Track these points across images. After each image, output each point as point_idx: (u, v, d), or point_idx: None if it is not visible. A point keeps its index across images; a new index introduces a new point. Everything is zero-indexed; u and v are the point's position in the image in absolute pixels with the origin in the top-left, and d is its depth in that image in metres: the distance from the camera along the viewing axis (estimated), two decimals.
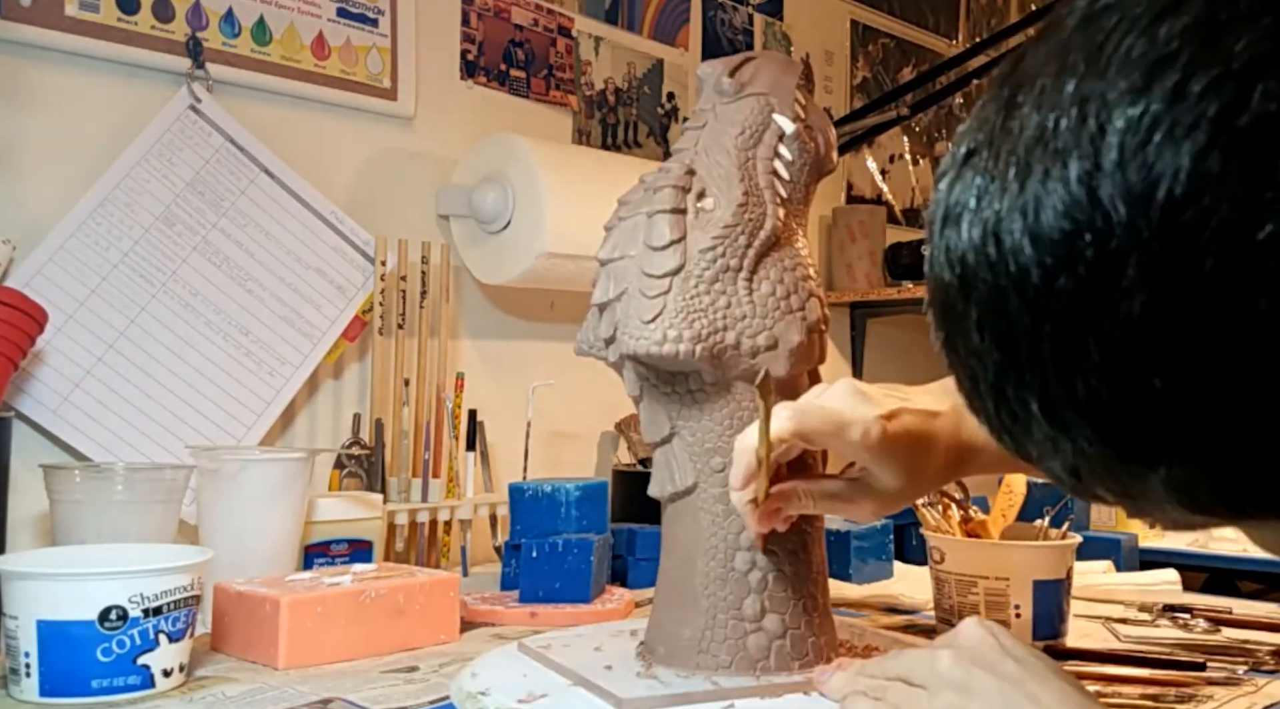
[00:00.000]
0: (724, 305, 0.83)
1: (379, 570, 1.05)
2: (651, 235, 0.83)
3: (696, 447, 0.86)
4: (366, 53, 1.50)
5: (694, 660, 0.85)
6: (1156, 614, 1.17)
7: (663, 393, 0.86)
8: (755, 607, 0.85)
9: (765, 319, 0.85)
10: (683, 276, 0.83)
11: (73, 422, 1.22)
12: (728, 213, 0.84)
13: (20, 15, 1.21)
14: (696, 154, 0.88)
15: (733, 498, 0.80)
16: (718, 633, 0.85)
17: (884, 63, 2.43)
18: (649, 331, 0.81)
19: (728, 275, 0.84)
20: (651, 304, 0.82)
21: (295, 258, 1.40)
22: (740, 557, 0.85)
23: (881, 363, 2.35)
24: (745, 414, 0.86)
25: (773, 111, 0.89)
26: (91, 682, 0.82)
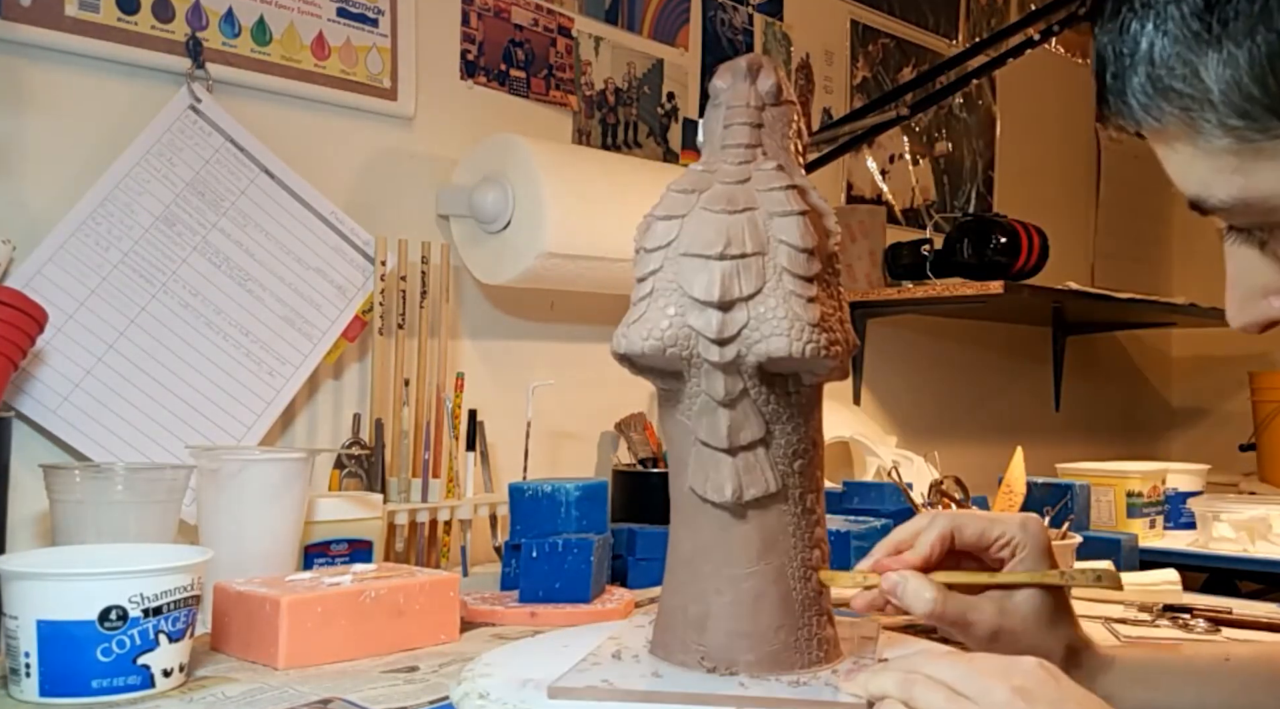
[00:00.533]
0: (841, 309, 0.86)
1: (379, 570, 1.05)
2: (795, 236, 0.81)
3: (786, 449, 0.85)
4: (366, 53, 1.50)
5: (793, 660, 0.84)
6: (1156, 614, 1.17)
7: (761, 395, 0.84)
8: (827, 600, 0.88)
9: (849, 322, 0.87)
10: (820, 281, 0.83)
11: (73, 422, 1.22)
12: (833, 220, 0.86)
13: (20, 15, 1.21)
14: (767, 154, 0.88)
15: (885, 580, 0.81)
16: (808, 630, 0.86)
17: (884, 63, 2.43)
18: (815, 335, 0.80)
19: (835, 280, 0.86)
20: (811, 307, 0.81)
21: (295, 258, 1.40)
22: (815, 553, 0.87)
23: (881, 363, 2.35)
24: (819, 416, 0.88)
25: (799, 118, 0.91)
26: (91, 682, 0.82)
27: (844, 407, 2.17)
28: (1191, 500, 1.90)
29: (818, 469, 0.88)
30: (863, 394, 2.31)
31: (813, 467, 0.87)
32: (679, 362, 0.82)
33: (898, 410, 2.38)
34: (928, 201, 2.55)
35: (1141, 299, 2.42)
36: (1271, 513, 1.75)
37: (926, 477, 1.63)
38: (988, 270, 2.10)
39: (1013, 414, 2.71)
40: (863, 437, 2.00)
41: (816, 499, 0.88)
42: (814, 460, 0.87)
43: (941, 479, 1.32)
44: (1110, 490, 1.78)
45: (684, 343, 0.82)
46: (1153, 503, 1.81)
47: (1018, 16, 2.64)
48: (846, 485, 1.65)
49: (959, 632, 0.80)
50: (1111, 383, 3.16)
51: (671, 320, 0.82)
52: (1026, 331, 2.78)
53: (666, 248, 0.83)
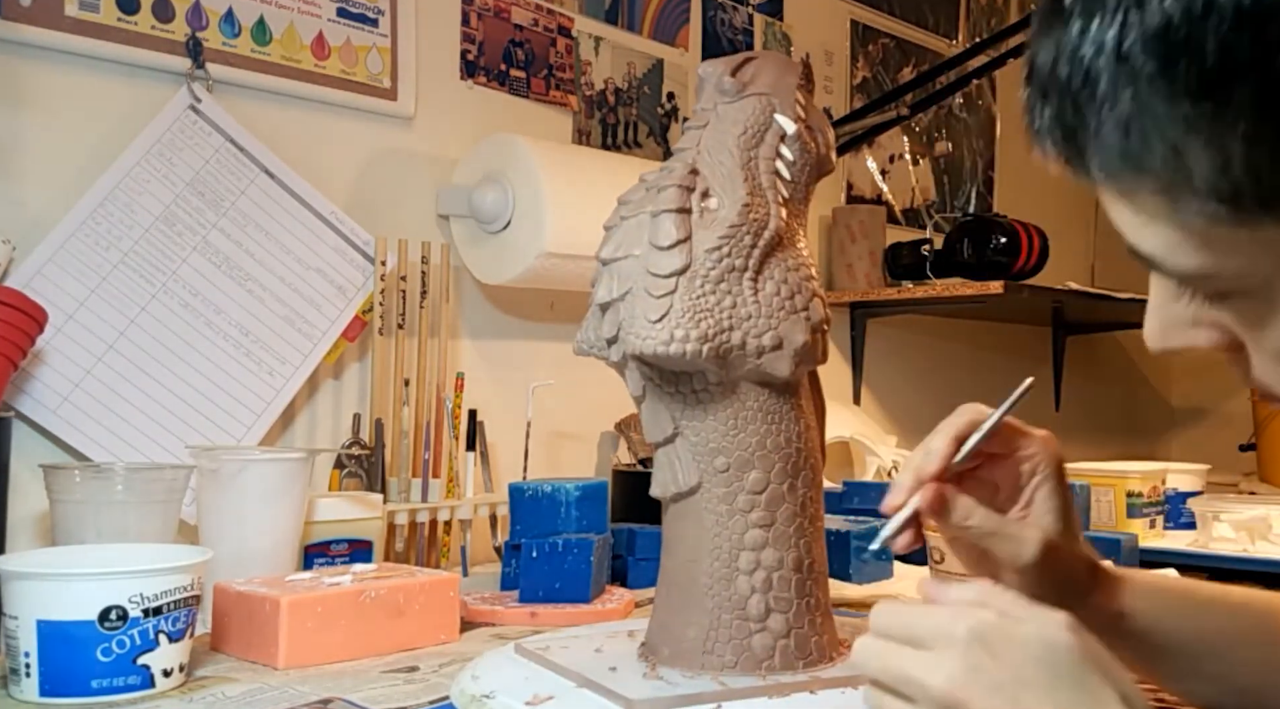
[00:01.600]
0: (729, 305, 0.83)
1: (379, 570, 1.05)
2: (657, 234, 0.83)
3: (700, 446, 0.86)
4: (366, 53, 1.50)
5: (699, 661, 0.85)
6: None
7: (666, 393, 0.86)
8: (760, 606, 0.85)
9: (770, 319, 0.84)
10: (688, 276, 0.82)
11: (73, 422, 1.22)
12: (733, 212, 0.84)
13: (20, 15, 1.21)
14: (699, 153, 0.88)
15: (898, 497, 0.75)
16: (722, 633, 0.85)
17: (884, 63, 2.43)
18: (656, 331, 0.81)
19: (733, 275, 0.84)
20: (658, 304, 0.81)
21: (295, 258, 1.40)
22: (744, 556, 0.85)
23: (881, 363, 2.35)
24: (749, 414, 0.86)
25: (774, 111, 0.89)
26: (91, 682, 0.82)
27: (844, 407, 2.17)
28: (1191, 500, 1.90)
29: (754, 470, 0.86)
30: (863, 394, 2.31)
31: (742, 467, 0.86)
32: (605, 363, 0.88)
33: (898, 410, 2.38)
34: (928, 201, 2.55)
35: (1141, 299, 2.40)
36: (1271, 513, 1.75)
37: None
38: (988, 270, 2.10)
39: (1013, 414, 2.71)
40: (863, 437, 2.00)
41: (755, 503, 0.86)
42: (744, 461, 0.86)
43: None
44: (1110, 490, 1.78)
45: (597, 345, 0.87)
46: (1153, 503, 1.81)
47: (1018, 16, 2.64)
48: (846, 485, 1.65)
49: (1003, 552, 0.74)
50: (1111, 383, 3.16)
51: (594, 324, 0.88)
52: (1026, 332, 2.78)
53: (600, 254, 0.88)
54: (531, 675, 0.86)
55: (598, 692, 0.81)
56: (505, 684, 0.84)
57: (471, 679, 0.85)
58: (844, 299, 2.22)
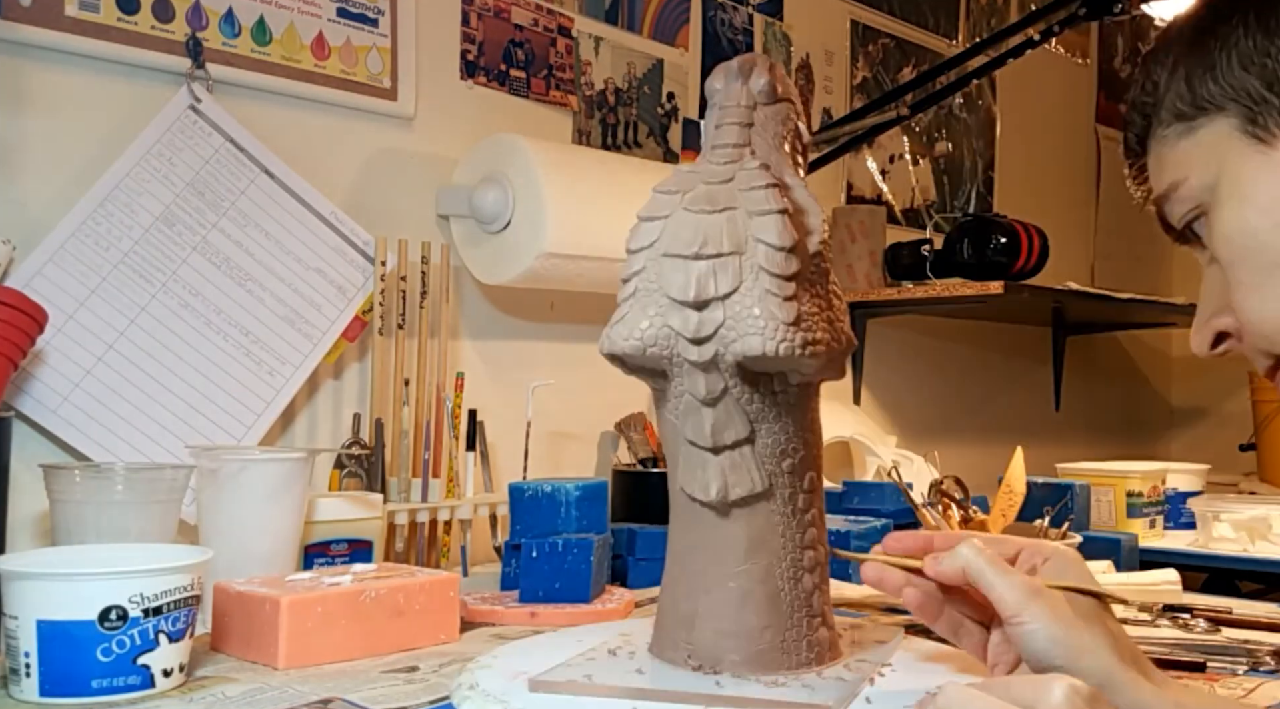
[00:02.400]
0: (827, 308, 0.85)
1: (379, 570, 1.05)
2: (773, 234, 0.81)
3: (772, 448, 0.85)
4: (366, 53, 1.50)
5: (779, 661, 0.84)
6: (1156, 614, 1.17)
7: (744, 394, 0.84)
8: (820, 601, 0.87)
9: (843, 321, 0.87)
10: (801, 280, 0.82)
11: (73, 422, 1.22)
12: (818, 218, 0.85)
13: (20, 15, 1.21)
14: (755, 154, 0.87)
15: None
16: (797, 631, 0.85)
17: (884, 63, 2.43)
18: (790, 334, 0.79)
19: (822, 279, 0.85)
20: (787, 306, 0.80)
21: (295, 258, 1.40)
22: (807, 555, 0.86)
23: (881, 363, 2.35)
24: (813, 415, 0.88)
25: (798, 118, 0.91)
26: (91, 682, 0.82)
27: (844, 407, 2.17)
28: (1191, 500, 1.90)
29: (810, 470, 0.87)
30: (863, 394, 2.31)
31: (804, 467, 0.86)
32: (661, 361, 0.83)
33: (898, 410, 2.38)
34: (928, 201, 2.55)
35: (1141, 299, 2.42)
36: (1271, 513, 1.75)
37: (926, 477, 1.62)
38: (988, 270, 2.10)
39: (1013, 414, 2.71)
40: (863, 437, 2.00)
41: (811, 500, 0.87)
42: (805, 461, 0.86)
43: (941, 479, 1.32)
44: (1110, 490, 1.78)
45: (664, 343, 0.82)
46: (1153, 503, 1.81)
47: (1018, 16, 2.64)
48: (846, 485, 1.65)
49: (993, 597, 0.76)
50: (1111, 383, 3.16)
51: (652, 320, 0.82)
52: (1026, 332, 2.78)
53: (649, 248, 0.84)
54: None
55: (749, 707, 0.78)
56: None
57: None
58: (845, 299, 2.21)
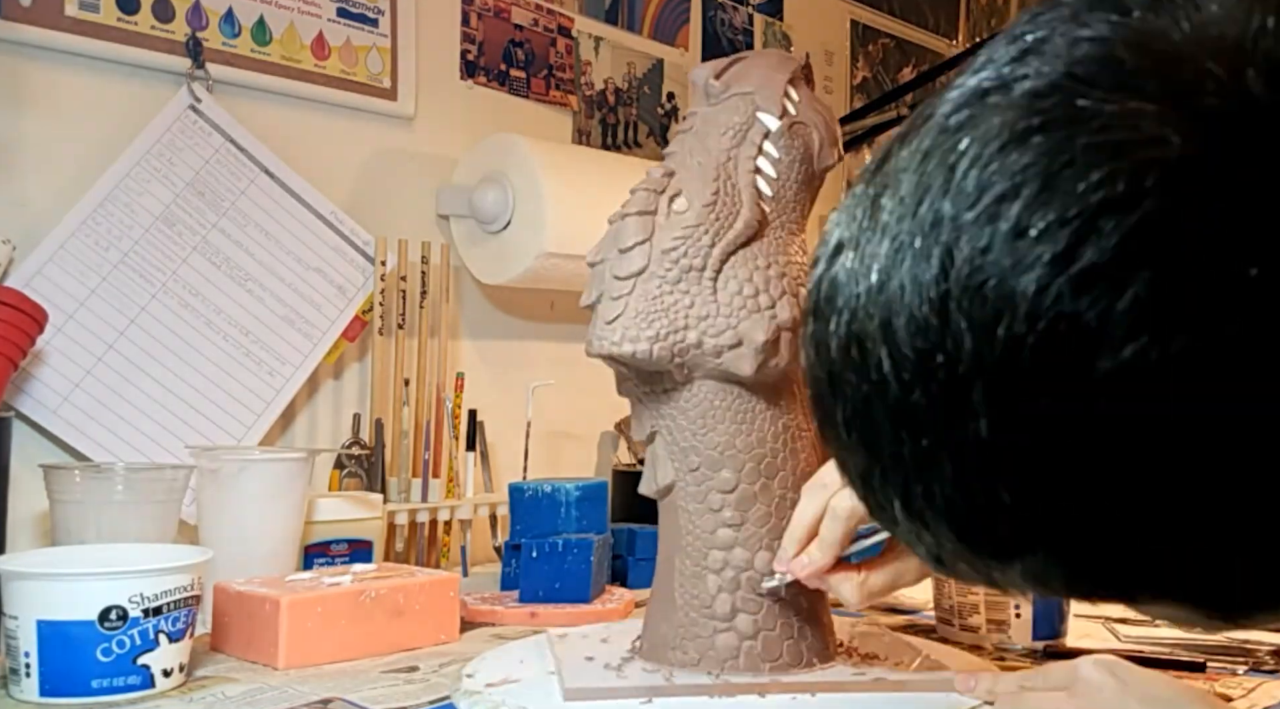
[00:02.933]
0: (686, 305, 0.84)
1: (379, 570, 1.05)
2: (619, 237, 0.85)
3: (674, 445, 0.87)
4: (366, 53, 1.50)
5: (667, 656, 0.86)
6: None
7: (643, 393, 0.88)
8: (726, 606, 0.85)
9: (730, 318, 0.84)
10: (645, 277, 0.84)
11: (73, 422, 1.22)
12: (693, 213, 0.85)
13: (20, 15, 1.21)
14: (681, 157, 0.89)
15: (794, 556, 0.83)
16: (689, 629, 0.86)
17: (884, 63, 2.43)
18: (609, 332, 0.82)
19: (690, 275, 0.84)
20: (614, 305, 0.83)
21: (295, 258, 1.40)
22: (713, 555, 0.86)
23: None
24: (717, 413, 0.86)
25: (757, 109, 0.89)
26: (91, 682, 0.82)
27: None
28: None
29: (725, 470, 0.86)
30: None
31: (714, 467, 0.86)
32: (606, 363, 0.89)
33: None
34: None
35: None
36: None
37: None
38: None
39: None
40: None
41: (727, 502, 0.86)
42: (715, 461, 0.86)
43: None
44: None
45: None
46: None
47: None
48: None
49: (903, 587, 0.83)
50: None
51: None
52: None
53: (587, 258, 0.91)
54: (526, 660, 0.91)
55: (558, 679, 0.84)
56: (494, 665, 0.89)
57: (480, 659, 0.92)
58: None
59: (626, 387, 0.89)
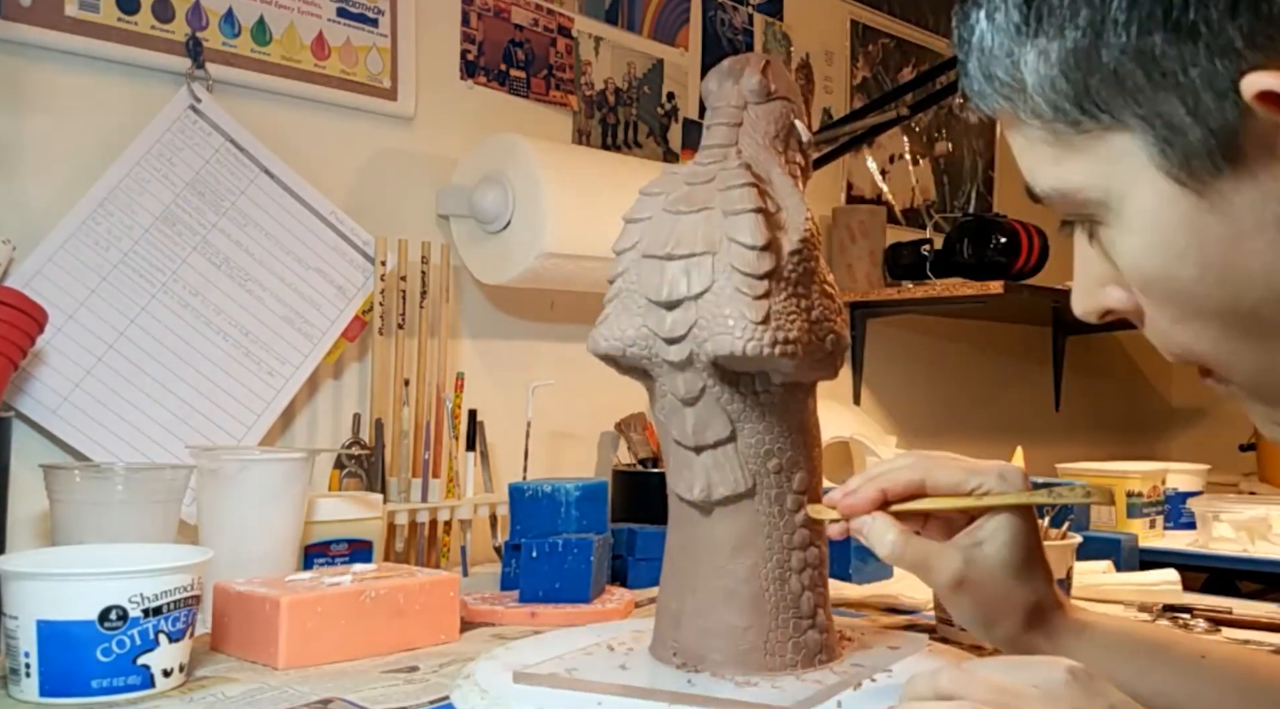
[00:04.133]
0: (806, 308, 0.84)
1: (379, 570, 1.05)
2: (748, 234, 0.81)
3: (755, 448, 0.85)
4: (366, 53, 1.50)
5: (761, 662, 0.84)
6: (1156, 614, 1.17)
7: (724, 394, 0.84)
8: (810, 603, 0.86)
9: (829, 322, 0.86)
10: (776, 279, 0.82)
11: (73, 422, 1.22)
12: (800, 217, 0.84)
13: (20, 15, 1.21)
14: (741, 153, 0.87)
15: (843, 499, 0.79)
16: (782, 633, 0.85)
17: (884, 63, 2.43)
18: (759, 333, 0.79)
19: (806, 278, 0.84)
20: (757, 305, 0.80)
21: (295, 258, 1.40)
22: (795, 556, 0.86)
23: (881, 363, 2.35)
24: (800, 415, 0.87)
25: (794, 116, 0.90)
26: (91, 682, 0.82)
27: (844, 407, 2.17)
28: (1191, 500, 1.90)
29: (800, 470, 0.86)
30: (863, 394, 2.31)
31: (791, 467, 0.86)
32: (642, 362, 0.85)
33: (898, 410, 2.38)
34: (928, 201, 2.55)
35: None
36: (1271, 513, 1.75)
37: None
38: (988, 270, 2.10)
39: (1013, 414, 2.71)
40: (863, 437, 2.00)
41: (801, 501, 0.86)
42: (793, 461, 0.86)
43: None
44: (1110, 490, 1.78)
45: (643, 344, 0.84)
46: (1153, 503, 1.81)
47: None
48: None
49: (920, 577, 0.78)
50: (1111, 383, 3.16)
51: (632, 321, 0.84)
52: (1026, 331, 2.78)
53: (632, 250, 0.86)
54: (605, 702, 0.80)
55: (706, 704, 0.78)
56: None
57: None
58: (844, 299, 2.21)
59: (706, 388, 0.84)
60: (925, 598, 1.16)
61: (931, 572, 0.77)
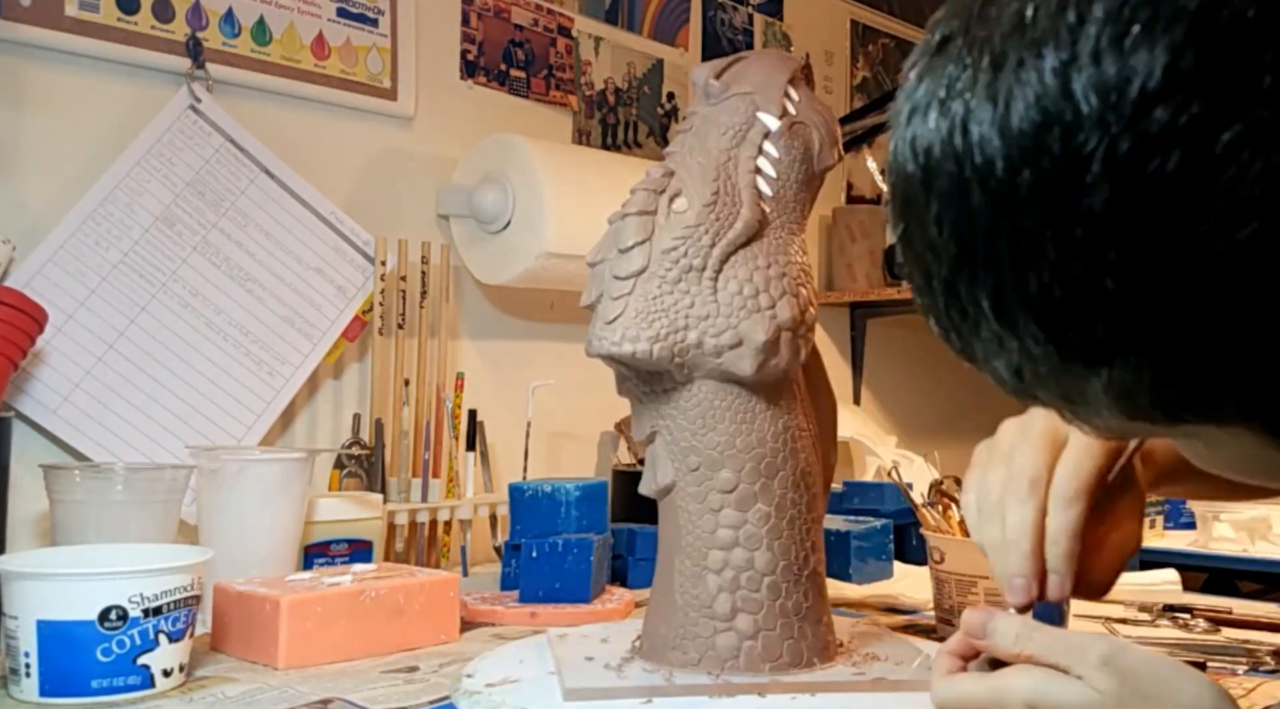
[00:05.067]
0: (687, 305, 0.84)
1: (379, 570, 1.05)
2: (620, 237, 0.85)
3: (675, 445, 0.87)
4: (366, 53, 1.50)
5: (666, 656, 0.86)
6: (1156, 614, 1.17)
7: (643, 393, 0.88)
8: (726, 606, 0.85)
9: (730, 318, 0.84)
10: (645, 277, 0.84)
11: (73, 422, 1.22)
12: (693, 213, 0.85)
13: (20, 15, 1.21)
14: (681, 157, 0.89)
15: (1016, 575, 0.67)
16: (688, 630, 0.86)
17: (884, 63, 2.43)
18: (609, 332, 0.82)
19: (691, 275, 0.84)
20: (614, 305, 0.83)
21: (295, 258, 1.40)
22: (713, 555, 0.86)
23: (882, 363, 2.35)
24: (717, 413, 0.86)
25: (757, 110, 0.89)
26: (91, 682, 0.82)
27: (844, 407, 2.17)
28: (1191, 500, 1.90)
29: (725, 470, 0.86)
30: (863, 394, 2.31)
31: (713, 467, 0.86)
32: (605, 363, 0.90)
33: (898, 410, 2.38)
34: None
35: None
36: (1271, 513, 1.75)
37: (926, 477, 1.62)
38: None
39: (1013, 414, 2.70)
40: (863, 437, 2.00)
41: (726, 502, 0.86)
42: (714, 461, 0.86)
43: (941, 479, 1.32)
44: None
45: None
46: (1152, 503, 1.81)
47: None
48: (846, 485, 1.65)
49: None
50: None
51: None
52: None
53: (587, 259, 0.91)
54: (526, 660, 0.91)
55: (558, 679, 0.84)
56: (494, 665, 0.89)
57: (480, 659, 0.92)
58: (844, 299, 2.22)
59: (627, 387, 0.89)
60: (925, 598, 1.16)
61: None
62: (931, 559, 1.09)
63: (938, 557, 1.08)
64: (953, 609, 1.06)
